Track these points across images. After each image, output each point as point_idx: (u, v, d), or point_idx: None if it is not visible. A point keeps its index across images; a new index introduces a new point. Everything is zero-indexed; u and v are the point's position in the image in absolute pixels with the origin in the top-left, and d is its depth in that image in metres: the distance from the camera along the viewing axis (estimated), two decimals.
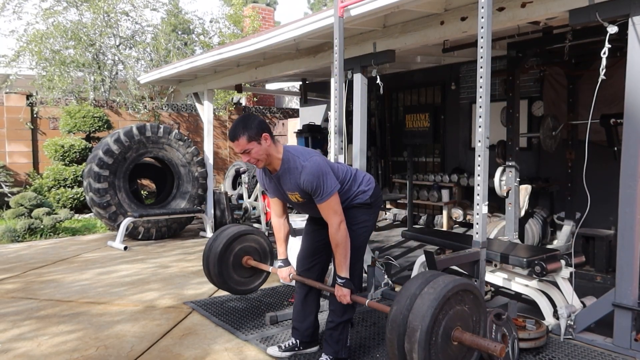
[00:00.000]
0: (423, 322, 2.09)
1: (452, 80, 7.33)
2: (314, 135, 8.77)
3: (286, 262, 3.10)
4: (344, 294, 2.70)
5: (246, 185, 7.54)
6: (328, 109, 8.73)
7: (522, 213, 5.24)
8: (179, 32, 12.72)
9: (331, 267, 3.05)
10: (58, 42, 10.30)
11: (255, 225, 6.97)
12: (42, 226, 7.07)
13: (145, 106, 10.48)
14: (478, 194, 2.91)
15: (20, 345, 3.25)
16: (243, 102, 12.68)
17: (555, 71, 5.88)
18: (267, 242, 3.63)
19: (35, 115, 9.47)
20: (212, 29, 13.10)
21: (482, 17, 2.84)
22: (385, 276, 4.13)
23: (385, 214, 8.51)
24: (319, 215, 2.77)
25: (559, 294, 3.44)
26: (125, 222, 6.38)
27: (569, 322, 3.23)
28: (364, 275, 4.16)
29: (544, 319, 3.40)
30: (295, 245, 4.01)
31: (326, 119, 9.22)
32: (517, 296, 3.98)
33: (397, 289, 4.24)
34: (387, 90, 8.22)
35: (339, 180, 2.73)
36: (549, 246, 5.58)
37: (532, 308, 3.76)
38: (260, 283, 3.65)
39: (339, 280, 2.71)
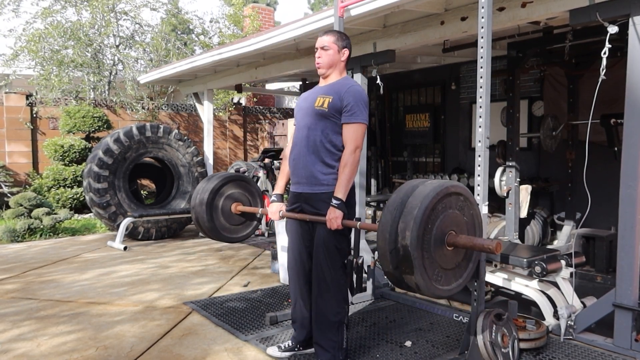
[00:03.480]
0: (423, 202, 2.08)
1: (452, 80, 7.33)
2: None
3: (279, 198, 3.05)
4: (336, 216, 2.64)
5: None
6: None
7: (524, 214, 5.23)
8: (179, 32, 12.72)
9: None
10: (57, 42, 10.29)
11: None
12: (41, 226, 7.07)
13: (144, 106, 10.48)
14: (478, 194, 2.91)
15: (20, 345, 3.25)
16: (243, 102, 12.68)
17: (556, 71, 5.88)
18: (256, 188, 3.60)
19: (34, 115, 9.46)
20: (212, 29, 13.11)
21: (482, 17, 2.84)
22: (385, 276, 4.13)
23: None
24: (314, 143, 2.74)
25: (559, 294, 3.44)
26: (125, 222, 6.37)
27: (569, 322, 3.23)
28: (364, 275, 4.16)
29: (544, 319, 3.40)
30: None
31: None
32: (517, 296, 3.97)
33: (398, 289, 4.24)
34: (387, 90, 8.22)
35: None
36: (549, 246, 5.57)
37: (532, 308, 3.76)
38: (251, 231, 3.61)
39: (334, 201, 2.66)
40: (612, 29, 2.96)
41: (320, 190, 2.78)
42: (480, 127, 2.86)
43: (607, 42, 2.98)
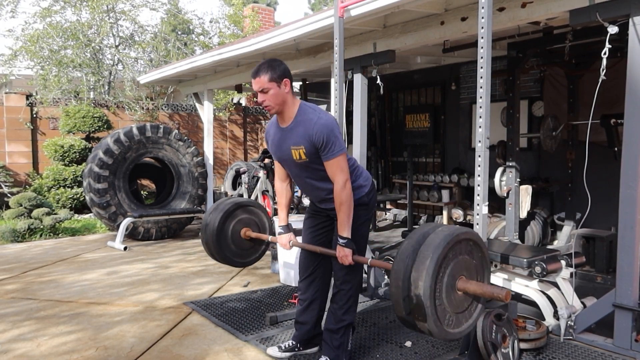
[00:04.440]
0: (435, 252, 2.11)
1: (452, 81, 7.32)
2: None
3: (286, 229, 3.04)
4: (345, 254, 2.65)
5: (246, 186, 7.54)
6: (328, 109, 8.73)
7: (525, 214, 5.22)
8: (179, 33, 12.71)
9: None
10: (56, 42, 10.28)
11: None
12: (42, 226, 7.07)
13: (142, 107, 10.47)
14: (478, 194, 2.91)
15: (20, 345, 3.25)
16: (243, 102, 12.67)
17: (556, 71, 5.88)
18: (265, 214, 3.59)
19: (34, 116, 9.46)
20: (212, 29, 13.10)
21: (482, 17, 2.84)
22: (386, 276, 4.13)
23: (386, 214, 8.51)
24: (314, 184, 2.75)
25: (559, 294, 3.44)
26: (125, 222, 6.37)
27: (569, 322, 3.23)
28: (364, 275, 4.16)
29: (544, 319, 3.40)
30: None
31: None
32: (518, 296, 3.97)
33: None
34: (387, 91, 8.22)
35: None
36: (549, 246, 5.57)
37: (532, 308, 3.75)
38: (259, 255, 3.58)
39: (341, 241, 2.66)
40: (612, 29, 2.96)
41: None
42: (480, 127, 2.86)
43: (607, 43, 2.98)
